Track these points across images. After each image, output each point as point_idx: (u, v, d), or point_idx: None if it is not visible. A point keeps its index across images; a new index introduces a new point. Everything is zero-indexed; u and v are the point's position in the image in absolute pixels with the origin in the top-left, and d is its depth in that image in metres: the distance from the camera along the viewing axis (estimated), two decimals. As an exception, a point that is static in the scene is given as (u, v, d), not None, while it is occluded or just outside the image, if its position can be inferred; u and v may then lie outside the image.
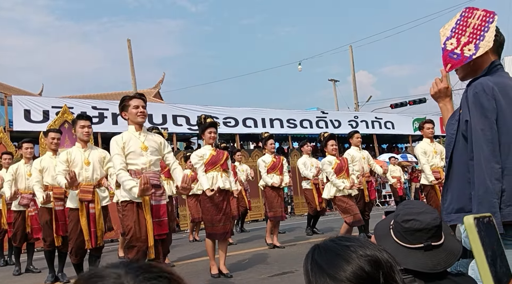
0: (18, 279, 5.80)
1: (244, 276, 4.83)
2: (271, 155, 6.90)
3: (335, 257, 0.91)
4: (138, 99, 3.78)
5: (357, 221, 5.85)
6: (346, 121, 17.64)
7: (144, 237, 3.57)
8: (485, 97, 1.73)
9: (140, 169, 3.66)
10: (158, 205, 3.68)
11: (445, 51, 1.93)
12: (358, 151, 6.92)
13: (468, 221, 0.47)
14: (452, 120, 1.90)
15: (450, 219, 1.84)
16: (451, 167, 1.88)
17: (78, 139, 4.62)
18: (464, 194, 1.80)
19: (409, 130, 19.43)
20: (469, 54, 1.84)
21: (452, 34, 1.93)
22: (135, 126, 3.79)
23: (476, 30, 1.84)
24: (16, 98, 11.70)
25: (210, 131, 4.93)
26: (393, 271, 0.88)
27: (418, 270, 1.38)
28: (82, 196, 4.42)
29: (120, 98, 3.89)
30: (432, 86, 2.02)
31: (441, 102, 2.02)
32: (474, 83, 1.81)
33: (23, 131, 11.49)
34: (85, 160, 4.51)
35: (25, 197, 5.94)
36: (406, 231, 1.41)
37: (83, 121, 4.56)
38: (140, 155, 3.68)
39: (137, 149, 3.67)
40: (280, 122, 15.92)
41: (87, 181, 4.49)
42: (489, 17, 1.83)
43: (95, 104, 12.81)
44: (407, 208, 1.46)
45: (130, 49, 17.35)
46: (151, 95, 21.49)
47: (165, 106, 14.74)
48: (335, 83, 24.21)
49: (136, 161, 3.67)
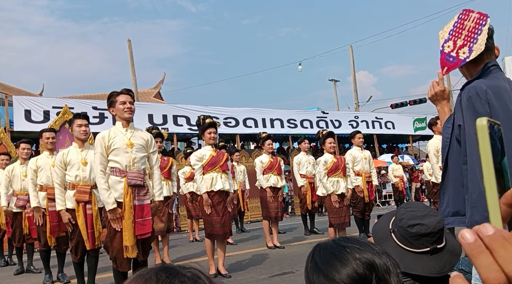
0: (18, 279, 5.81)
1: (244, 276, 4.84)
2: (269, 155, 6.92)
3: (331, 257, 0.92)
4: (125, 95, 3.74)
5: (341, 223, 5.87)
6: (347, 121, 17.64)
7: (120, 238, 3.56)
8: (478, 101, 1.72)
9: (124, 167, 3.64)
10: (142, 205, 3.66)
11: (442, 54, 1.94)
12: (360, 151, 6.94)
13: (481, 122, 0.47)
14: (447, 124, 1.90)
15: (447, 222, 1.85)
16: (446, 170, 1.89)
17: (75, 138, 4.57)
18: (459, 197, 1.81)
19: (410, 130, 19.43)
20: (463, 57, 1.85)
21: (450, 36, 1.93)
22: (122, 123, 3.76)
23: (470, 33, 1.84)
24: (17, 99, 11.71)
25: (209, 131, 4.92)
26: (388, 274, 0.88)
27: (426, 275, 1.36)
28: (78, 196, 4.35)
29: (108, 95, 3.86)
30: (429, 89, 2.03)
31: (438, 105, 2.03)
32: (468, 87, 1.80)
33: (23, 131, 11.50)
34: (82, 160, 4.43)
35: (21, 198, 5.93)
36: (412, 236, 1.38)
37: (80, 120, 4.47)
38: (125, 151, 3.65)
39: (122, 145, 3.65)
40: (280, 122, 15.93)
41: (84, 182, 4.41)
42: (482, 20, 1.82)
43: (95, 105, 12.81)
44: (410, 211, 1.43)
45: (131, 49, 17.35)
46: (152, 95, 21.50)
47: (165, 106, 14.75)
48: (335, 83, 24.20)
49: (120, 158, 3.64)
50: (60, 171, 4.45)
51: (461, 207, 1.81)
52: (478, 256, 0.45)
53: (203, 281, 0.66)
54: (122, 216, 3.59)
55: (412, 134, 19.52)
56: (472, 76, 1.89)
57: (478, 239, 0.46)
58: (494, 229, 0.45)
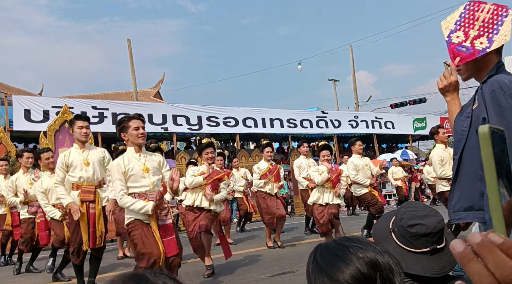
0: (18, 278, 5.81)
1: (244, 276, 4.83)
2: (267, 162, 6.90)
3: (334, 258, 0.90)
4: (137, 120, 3.69)
5: (322, 232, 5.90)
6: (346, 121, 17.63)
7: (155, 246, 3.50)
8: (502, 95, 1.68)
9: (144, 191, 3.61)
10: (165, 224, 3.65)
11: (451, 44, 1.87)
12: (360, 159, 6.94)
13: (483, 130, 0.47)
14: (461, 117, 1.84)
15: (459, 217, 1.80)
16: (461, 163, 1.82)
17: (76, 140, 4.57)
18: (475, 191, 1.74)
19: (409, 130, 19.42)
20: (481, 47, 1.78)
21: (457, 27, 1.86)
22: (135, 148, 3.71)
23: (487, 23, 1.78)
24: (16, 98, 11.69)
25: (207, 152, 5.08)
26: (392, 274, 0.87)
27: (425, 275, 1.35)
28: (83, 196, 4.39)
29: (118, 120, 3.83)
30: (440, 80, 1.93)
31: (449, 96, 1.95)
32: (490, 80, 1.75)
33: (23, 131, 11.49)
34: (84, 161, 4.44)
35: (33, 204, 6.02)
36: (412, 236, 1.38)
37: (81, 122, 4.47)
38: (142, 177, 3.63)
39: (138, 171, 3.62)
40: (280, 122, 15.91)
41: (88, 182, 4.44)
42: (501, 11, 1.78)
43: (95, 104, 12.80)
44: (410, 211, 1.42)
45: (130, 49, 17.33)
46: (151, 95, 21.49)
47: (165, 106, 14.73)
48: (335, 83, 24.19)
49: (139, 184, 3.62)
50: (62, 172, 4.45)
51: (475, 202, 1.75)
52: (468, 264, 0.47)
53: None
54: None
55: (412, 134, 19.52)
56: (480, 71, 1.84)
57: (467, 248, 0.48)
58: (482, 236, 0.47)
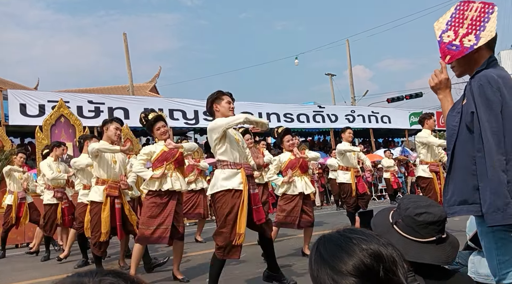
0: (17, 272, 5.80)
1: (242, 269, 4.85)
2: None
3: (337, 249, 0.90)
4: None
5: (285, 223, 5.44)
6: (343, 115, 17.66)
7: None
8: (490, 89, 1.72)
9: (238, 160, 3.81)
10: (254, 193, 3.79)
11: (442, 44, 1.93)
12: (349, 146, 6.94)
13: None
14: (453, 112, 1.89)
15: (453, 211, 1.83)
16: (453, 158, 1.86)
17: (107, 137, 4.81)
18: (468, 185, 1.79)
19: (406, 124, 19.49)
20: (469, 44, 1.84)
21: (448, 27, 1.92)
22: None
23: (475, 21, 1.84)
24: (12, 93, 11.62)
25: (158, 127, 4.50)
26: (395, 265, 0.87)
27: (433, 264, 1.37)
28: (110, 191, 4.77)
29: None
30: (431, 78, 1.99)
31: (441, 93, 1.99)
32: (478, 75, 1.80)
33: (19, 125, 11.44)
34: (113, 159, 4.92)
35: (59, 190, 6.46)
36: (420, 224, 1.40)
37: (118, 124, 4.90)
38: (237, 147, 3.90)
39: (233, 140, 3.88)
40: (277, 116, 15.91)
41: (114, 178, 4.88)
42: (488, 8, 1.83)
43: (91, 99, 12.75)
44: (413, 202, 1.45)
45: (126, 43, 17.23)
46: (147, 89, 21.39)
47: (161, 100, 14.69)
48: (331, 78, 24.17)
49: (233, 152, 3.79)
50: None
51: (469, 196, 1.79)
52: None
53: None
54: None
55: (408, 128, 19.58)
56: (472, 67, 1.89)
57: None
58: None
